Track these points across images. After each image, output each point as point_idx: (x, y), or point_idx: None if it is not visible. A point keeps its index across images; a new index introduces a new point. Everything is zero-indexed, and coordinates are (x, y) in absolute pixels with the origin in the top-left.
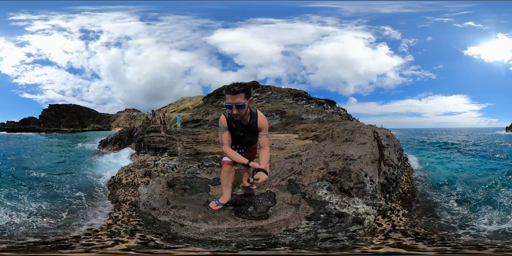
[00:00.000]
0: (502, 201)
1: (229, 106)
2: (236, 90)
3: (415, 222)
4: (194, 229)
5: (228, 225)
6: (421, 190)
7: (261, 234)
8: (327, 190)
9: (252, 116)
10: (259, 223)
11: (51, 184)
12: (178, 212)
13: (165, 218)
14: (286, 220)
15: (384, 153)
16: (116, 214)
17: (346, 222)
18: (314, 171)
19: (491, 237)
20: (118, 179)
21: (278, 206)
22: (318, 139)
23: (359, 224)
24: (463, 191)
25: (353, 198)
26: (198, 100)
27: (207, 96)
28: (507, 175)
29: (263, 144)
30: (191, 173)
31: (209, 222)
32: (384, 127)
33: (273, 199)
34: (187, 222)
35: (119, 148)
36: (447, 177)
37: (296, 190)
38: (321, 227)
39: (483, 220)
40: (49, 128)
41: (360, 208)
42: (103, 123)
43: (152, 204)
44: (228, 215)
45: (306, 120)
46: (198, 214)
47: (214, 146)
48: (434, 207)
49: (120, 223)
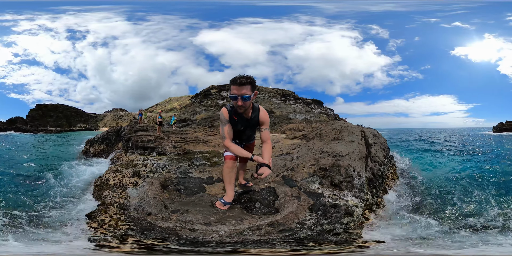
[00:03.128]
0: (477, 199)
1: (234, 97)
2: (243, 82)
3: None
4: (212, 233)
5: (248, 224)
6: (404, 186)
7: (282, 229)
8: (319, 185)
9: (254, 110)
10: (274, 217)
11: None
12: (182, 216)
13: (166, 224)
14: (294, 212)
15: (371, 150)
16: (102, 217)
17: (340, 213)
18: (306, 167)
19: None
20: (105, 179)
21: (282, 199)
22: (306, 138)
23: (350, 216)
24: (439, 189)
25: (343, 191)
26: (185, 100)
27: (195, 96)
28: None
29: (265, 138)
30: (183, 173)
31: (227, 224)
32: (371, 127)
33: (275, 193)
34: (199, 226)
35: (107, 147)
36: (430, 175)
37: (293, 184)
38: (322, 218)
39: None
40: (36, 128)
41: (350, 201)
42: (90, 123)
43: (146, 208)
44: (240, 213)
45: (293, 120)
46: (209, 216)
47: (203, 145)
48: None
49: (107, 227)
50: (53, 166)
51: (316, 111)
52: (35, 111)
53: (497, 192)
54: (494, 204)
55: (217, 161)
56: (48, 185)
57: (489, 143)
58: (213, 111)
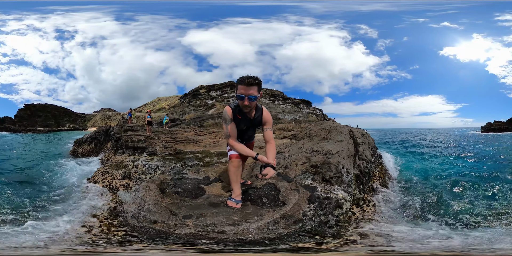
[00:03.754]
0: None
1: (241, 97)
2: (251, 82)
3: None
4: (242, 232)
5: (269, 218)
6: (390, 184)
7: (294, 220)
8: (311, 181)
9: (258, 110)
10: (284, 209)
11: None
12: (199, 221)
13: (186, 231)
14: (298, 203)
15: (359, 149)
16: (90, 222)
17: (332, 204)
18: (298, 165)
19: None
20: (93, 181)
21: (284, 192)
22: (296, 138)
23: (340, 208)
24: (425, 186)
25: (333, 186)
26: (174, 100)
27: (184, 96)
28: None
29: (268, 138)
30: (177, 174)
31: (251, 221)
32: (360, 127)
33: (276, 188)
34: (226, 227)
35: (95, 147)
36: (414, 174)
37: (290, 179)
38: (319, 209)
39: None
40: (24, 127)
41: (339, 194)
42: (78, 123)
43: (148, 216)
44: (256, 209)
45: (282, 120)
46: (231, 216)
47: (194, 145)
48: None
49: (98, 233)
50: (38, 166)
51: (304, 111)
52: (24, 111)
53: (479, 189)
54: (475, 202)
55: (210, 161)
56: (33, 186)
57: (475, 143)
58: (202, 111)
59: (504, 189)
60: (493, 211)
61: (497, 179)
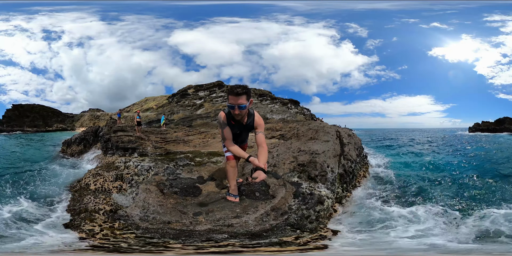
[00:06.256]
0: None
1: (231, 107)
2: (239, 92)
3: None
4: (245, 224)
5: (263, 210)
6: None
7: (281, 212)
8: (298, 178)
9: (249, 115)
10: (273, 202)
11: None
12: (209, 216)
13: (202, 227)
14: (284, 197)
15: (344, 149)
16: (88, 226)
17: (314, 199)
18: (286, 163)
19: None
20: (84, 184)
21: (273, 187)
22: (284, 138)
23: (321, 204)
24: (407, 184)
25: (318, 184)
26: (162, 99)
27: (172, 96)
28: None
29: (260, 141)
30: (172, 174)
31: (249, 212)
32: (348, 127)
33: (266, 184)
34: (232, 220)
35: (84, 148)
36: (401, 173)
37: (278, 176)
38: (302, 204)
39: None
40: (12, 128)
41: (322, 191)
42: (67, 123)
43: (159, 217)
44: (251, 202)
45: (270, 119)
46: (234, 209)
47: (184, 146)
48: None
49: (102, 237)
50: (24, 168)
51: (292, 111)
52: (12, 111)
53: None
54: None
55: (201, 161)
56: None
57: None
58: (191, 111)
59: (469, 184)
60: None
61: (464, 176)
